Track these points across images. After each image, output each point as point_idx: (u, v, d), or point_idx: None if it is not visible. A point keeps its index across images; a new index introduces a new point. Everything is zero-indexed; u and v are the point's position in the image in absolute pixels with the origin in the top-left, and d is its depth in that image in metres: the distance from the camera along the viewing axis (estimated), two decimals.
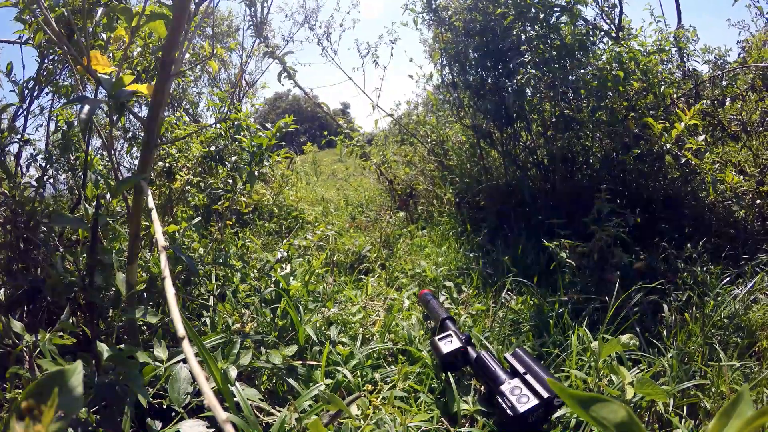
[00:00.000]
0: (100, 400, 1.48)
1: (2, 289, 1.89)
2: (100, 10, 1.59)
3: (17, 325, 1.51)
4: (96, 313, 1.37)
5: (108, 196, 1.73)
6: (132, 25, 1.36)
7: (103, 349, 1.41)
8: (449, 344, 1.81)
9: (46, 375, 0.51)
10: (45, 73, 2.34)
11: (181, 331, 0.61)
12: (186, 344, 0.60)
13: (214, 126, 3.45)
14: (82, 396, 0.54)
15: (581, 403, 0.36)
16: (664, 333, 2.13)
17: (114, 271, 1.54)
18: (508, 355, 1.68)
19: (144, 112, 4.16)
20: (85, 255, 1.33)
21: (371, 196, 6.06)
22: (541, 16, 3.28)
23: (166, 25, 1.36)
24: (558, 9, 3.30)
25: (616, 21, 4.28)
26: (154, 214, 0.90)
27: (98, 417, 1.36)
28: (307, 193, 6.35)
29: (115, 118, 1.27)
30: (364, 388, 1.83)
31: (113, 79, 1.21)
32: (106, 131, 2.20)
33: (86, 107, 1.09)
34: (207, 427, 1.36)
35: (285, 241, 3.15)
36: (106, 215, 1.33)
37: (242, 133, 3.07)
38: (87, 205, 1.43)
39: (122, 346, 1.46)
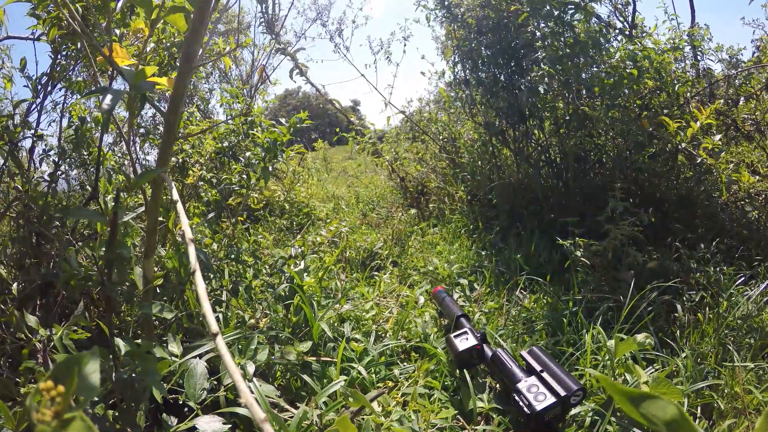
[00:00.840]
0: (117, 396, 1.49)
1: (15, 284, 1.90)
2: (119, 4, 1.59)
3: (32, 320, 1.52)
4: (113, 308, 1.38)
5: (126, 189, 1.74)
6: (152, 18, 1.36)
7: (121, 344, 1.42)
8: (465, 342, 1.81)
9: (62, 361, 0.51)
10: (58, 68, 2.35)
11: (214, 327, 0.61)
12: (220, 340, 0.60)
13: (226, 121, 3.47)
14: (98, 381, 0.54)
15: (631, 400, 0.36)
16: (678, 333, 2.13)
17: (131, 266, 1.55)
18: (524, 353, 1.68)
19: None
20: (104, 249, 1.33)
21: (382, 193, 6.06)
22: (556, 13, 3.27)
23: (186, 18, 1.36)
24: (572, 6, 3.29)
25: (630, 18, 4.26)
26: (180, 206, 0.90)
27: (115, 413, 1.36)
28: (317, 190, 6.37)
29: (136, 110, 1.28)
30: (378, 384, 1.84)
31: (134, 71, 1.21)
32: (120, 125, 2.21)
33: (108, 97, 1.09)
34: (223, 423, 1.36)
35: (298, 237, 3.15)
36: (125, 209, 1.33)
37: (255, 129, 3.08)
38: (105, 199, 1.44)
39: (139, 341, 1.46)
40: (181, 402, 1.51)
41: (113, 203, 1.27)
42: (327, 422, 1.38)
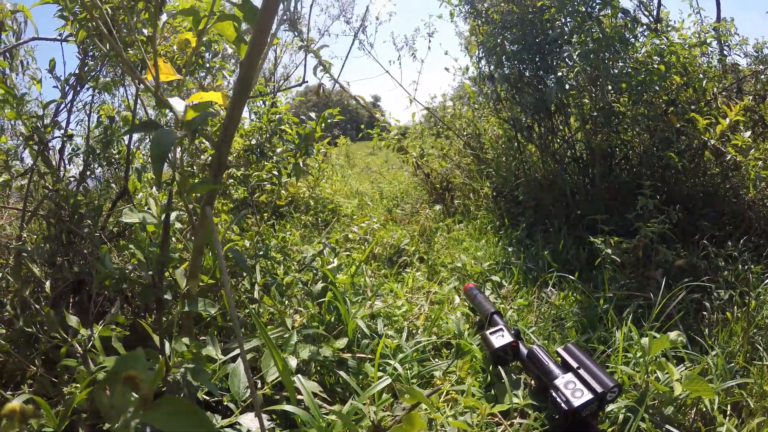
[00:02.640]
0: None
1: (48, 282, 1.95)
2: (163, 18, 1.58)
3: (73, 320, 1.55)
4: (163, 309, 1.41)
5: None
6: (199, 28, 1.32)
7: (171, 345, 1.47)
8: (501, 338, 1.84)
9: (117, 360, 0.57)
10: (86, 68, 2.40)
11: None
12: None
13: (253, 120, 3.51)
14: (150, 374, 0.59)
15: None
16: (706, 331, 2.14)
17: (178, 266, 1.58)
18: (560, 350, 1.71)
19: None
20: (152, 250, 1.37)
21: (405, 189, 6.07)
22: (583, 9, 3.27)
23: (235, 27, 1.34)
24: (599, 1, 3.28)
25: (655, 13, 4.24)
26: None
27: None
28: (342, 186, 6.39)
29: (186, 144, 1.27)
30: (413, 380, 1.87)
31: (186, 105, 1.10)
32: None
33: (162, 140, 1.00)
34: (267, 420, 1.40)
35: (330, 234, 3.19)
36: (176, 212, 1.37)
37: (282, 126, 3.11)
38: (149, 201, 1.47)
39: (186, 340, 1.50)
40: (224, 401, 1.55)
41: (165, 205, 1.29)
42: (381, 418, 1.42)
